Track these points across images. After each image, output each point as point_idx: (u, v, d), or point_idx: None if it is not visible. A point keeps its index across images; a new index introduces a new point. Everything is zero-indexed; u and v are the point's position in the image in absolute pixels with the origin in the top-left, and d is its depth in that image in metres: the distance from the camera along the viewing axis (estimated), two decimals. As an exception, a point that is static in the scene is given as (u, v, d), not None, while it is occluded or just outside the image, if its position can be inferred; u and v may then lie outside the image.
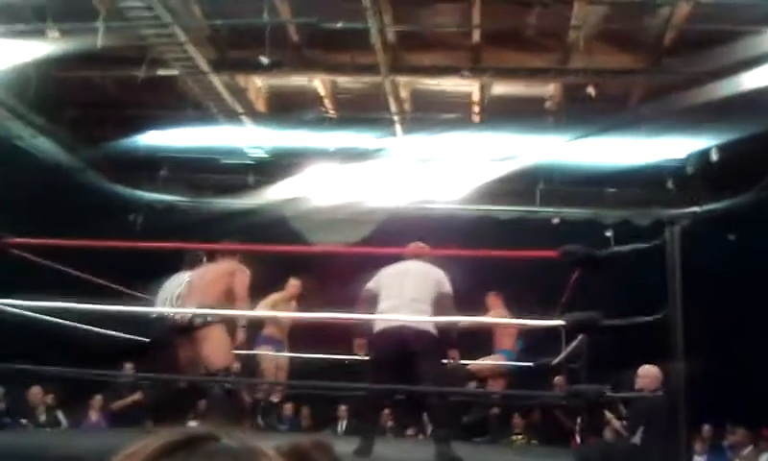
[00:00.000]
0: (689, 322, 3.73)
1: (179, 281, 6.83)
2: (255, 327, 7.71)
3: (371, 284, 5.36)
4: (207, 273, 6.28)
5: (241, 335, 6.12)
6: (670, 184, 11.60)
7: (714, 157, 10.48)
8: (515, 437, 9.80)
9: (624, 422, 6.52)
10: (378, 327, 5.14)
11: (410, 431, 9.77)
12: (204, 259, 6.97)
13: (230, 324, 6.08)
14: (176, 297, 6.66)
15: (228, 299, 5.93)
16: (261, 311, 7.82)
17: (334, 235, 10.99)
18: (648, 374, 6.44)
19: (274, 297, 8.20)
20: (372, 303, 5.26)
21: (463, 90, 10.65)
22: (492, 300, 8.47)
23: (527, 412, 9.98)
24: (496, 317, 8.12)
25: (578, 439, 8.46)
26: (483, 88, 10.51)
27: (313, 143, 11.34)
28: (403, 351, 4.96)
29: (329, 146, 11.31)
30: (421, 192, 11.46)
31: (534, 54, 9.51)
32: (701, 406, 4.51)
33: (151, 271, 7.11)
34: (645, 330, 3.98)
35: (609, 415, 7.06)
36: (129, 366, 8.56)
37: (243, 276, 6.01)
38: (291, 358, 8.35)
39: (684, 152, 11.12)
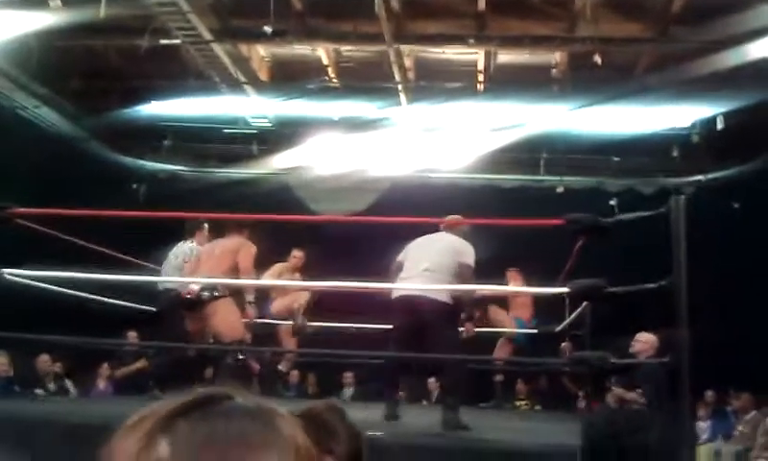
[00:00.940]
0: (693, 289, 3.75)
1: (182, 250, 6.84)
2: (262, 299, 7.72)
3: (400, 255, 5.46)
4: (215, 248, 6.28)
5: (251, 310, 6.14)
6: (675, 153, 11.55)
7: (720, 125, 10.43)
8: (518, 403, 9.90)
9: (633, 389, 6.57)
10: (394, 295, 5.26)
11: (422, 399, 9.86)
12: (206, 227, 6.97)
13: (239, 298, 6.09)
14: (181, 267, 6.69)
15: (235, 274, 5.94)
16: (266, 281, 7.82)
17: (338, 205, 10.98)
18: (643, 340, 6.55)
19: (278, 267, 8.21)
20: (397, 272, 5.38)
21: (467, 59, 10.58)
22: (513, 275, 8.42)
23: (531, 378, 10.05)
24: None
25: (581, 405, 8.52)
26: (488, 57, 10.44)
27: (317, 112, 11.30)
28: (415, 320, 5.08)
29: (333, 115, 11.27)
30: (425, 161, 11.43)
31: (540, 22, 9.43)
32: (704, 372, 4.53)
33: (154, 240, 7.14)
34: (649, 298, 4.00)
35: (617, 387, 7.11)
36: (132, 334, 8.61)
37: (248, 251, 6.02)
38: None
39: (689, 120, 11.07)
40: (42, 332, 5.74)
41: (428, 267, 5.19)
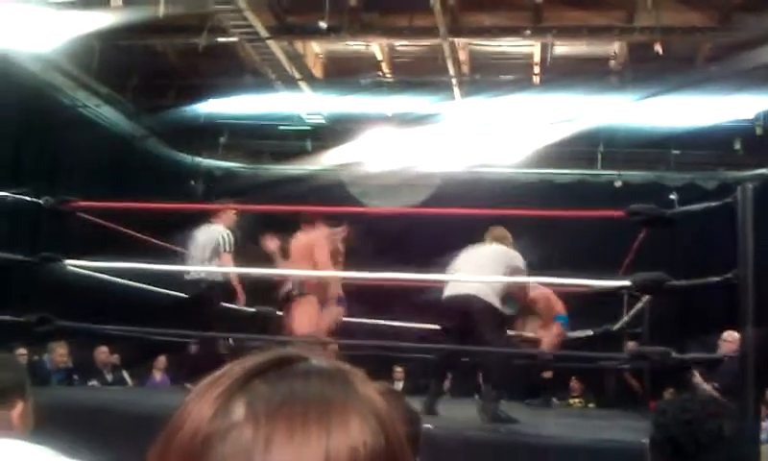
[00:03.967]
0: (760, 284, 3.61)
1: (212, 235, 6.63)
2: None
3: (450, 266, 5.53)
4: (297, 244, 6.20)
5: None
6: (738, 145, 11.22)
7: (785, 116, 10.10)
8: (572, 400, 9.73)
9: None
10: (444, 295, 5.37)
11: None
12: (234, 214, 6.84)
13: (321, 293, 6.10)
14: (211, 250, 6.55)
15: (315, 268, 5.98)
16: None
17: (391, 200, 10.96)
18: (731, 339, 5.93)
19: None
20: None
21: (523, 51, 10.45)
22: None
23: (586, 376, 9.84)
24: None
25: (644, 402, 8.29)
26: (544, 49, 10.28)
27: (370, 108, 11.31)
28: (462, 318, 5.18)
29: (387, 111, 11.26)
30: (480, 156, 11.33)
31: (597, 12, 9.26)
32: (766, 370, 4.38)
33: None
34: (709, 295, 3.88)
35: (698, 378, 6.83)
36: None
37: (321, 246, 6.01)
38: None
39: (752, 111, 10.73)
40: (102, 324, 5.84)
41: (474, 271, 5.28)
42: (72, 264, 5.28)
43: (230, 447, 0.54)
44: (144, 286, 6.54)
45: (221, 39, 9.69)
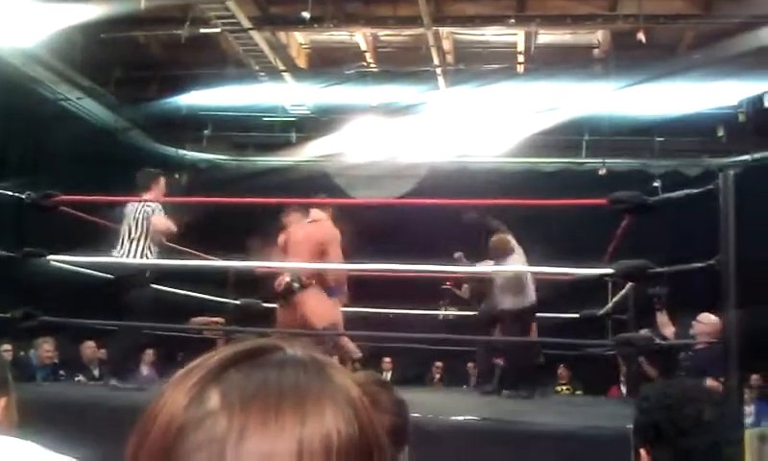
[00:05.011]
0: (738, 270, 3.65)
1: (140, 208, 5.73)
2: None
3: None
4: (299, 236, 6.01)
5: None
6: (721, 133, 11.29)
7: (767, 103, 10.16)
8: (559, 387, 9.79)
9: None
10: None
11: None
12: (162, 180, 6.13)
13: (326, 284, 5.95)
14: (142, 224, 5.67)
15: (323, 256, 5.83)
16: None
17: (376, 191, 10.97)
18: (706, 321, 5.91)
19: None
20: None
21: (507, 40, 10.46)
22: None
23: (573, 363, 9.89)
24: None
25: (623, 389, 8.36)
26: (528, 37, 10.29)
27: (355, 99, 11.29)
28: None
29: (371, 101, 11.24)
30: (465, 146, 11.34)
31: (581, 0, 9.27)
32: (750, 355, 4.42)
33: (200, 228, 7.18)
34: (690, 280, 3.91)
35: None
36: (198, 320, 7.78)
37: (336, 240, 5.90)
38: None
39: (735, 99, 10.80)
40: (88, 319, 5.80)
41: None
42: (56, 259, 5.25)
43: (204, 435, 0.55)
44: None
45: (203, 30, 9.63)
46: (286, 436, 0.54)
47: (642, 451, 1.62)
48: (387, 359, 10.50)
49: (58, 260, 5.32)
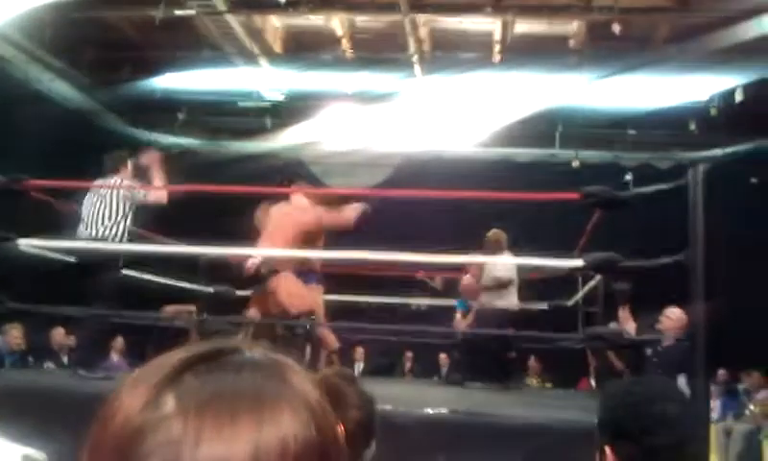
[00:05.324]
0: (707, 265, 3.69)
1: (113, 191, 5.65)
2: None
3: None
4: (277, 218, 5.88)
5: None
6: (693, 126, 11.41)
7: (739, 98, 10.27)
8: (529, 380, 9.87)
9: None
10: None
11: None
12: (130, 162, 5.97)
13: (300, 265, 5.73)
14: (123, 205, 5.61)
15: (305, 240, 5.67)
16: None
17: (351, 179, 10.95)
18: (674, 316, 6.10)
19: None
20: None
21: (484, 29, 10.46)
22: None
23: (543, 355, 9.99)
24: None
25: (592, 382, 8.47)
26: (505, 27, 10.30)
27: (330, 85, 11.23)
28: None
29: (347, 88, 11.19)
30: (440, 135, 11.35)
31: (558, -10, 9.31)
32: (716, 350, 4.49)
33: (169, 213, 7.10)
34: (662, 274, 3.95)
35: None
36: (170, 309, 7.66)
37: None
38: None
39: (707, 93, 10.91)
40: (57, 305, 5.73)
41: None
42: (26, 243, 5.17)
43: (160, 439, 0.54)
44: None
45: (178, 12, 9.50)
46: (242, 441, 0.54)
47: (607, 449, 1.63)
48: (360, 349, 10.53)
49: (28, 245, 5.24)
